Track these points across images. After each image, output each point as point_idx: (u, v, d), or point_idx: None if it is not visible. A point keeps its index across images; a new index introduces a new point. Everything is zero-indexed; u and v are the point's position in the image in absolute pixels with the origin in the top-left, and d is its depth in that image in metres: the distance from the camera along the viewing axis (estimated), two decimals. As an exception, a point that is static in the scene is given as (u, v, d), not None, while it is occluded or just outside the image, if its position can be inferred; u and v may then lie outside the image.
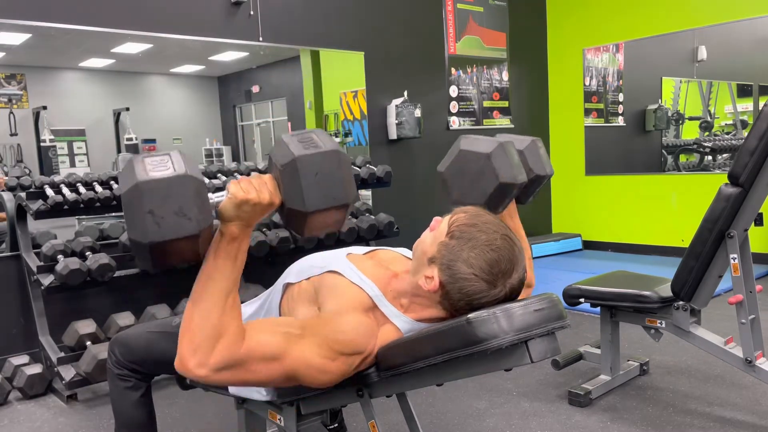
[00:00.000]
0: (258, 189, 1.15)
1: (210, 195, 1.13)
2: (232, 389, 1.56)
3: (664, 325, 2.52)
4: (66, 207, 3.05)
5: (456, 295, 1.24)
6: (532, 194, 1.78)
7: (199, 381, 1.17)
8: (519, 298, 1.27)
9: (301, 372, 1.23)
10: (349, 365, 1.27)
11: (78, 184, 3.20)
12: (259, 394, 1.51)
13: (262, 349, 1.20)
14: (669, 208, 5.63)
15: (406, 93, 4.99)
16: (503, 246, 1.23)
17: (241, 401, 1.71)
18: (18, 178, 3.13)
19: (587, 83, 6.21)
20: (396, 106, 4.92)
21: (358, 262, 1.41)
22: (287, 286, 1.49)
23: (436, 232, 1.29)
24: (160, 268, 1.13)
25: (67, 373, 2.87)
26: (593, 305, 2.69)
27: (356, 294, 1.32)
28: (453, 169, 1.56)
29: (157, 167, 1.09)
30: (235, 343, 1.17)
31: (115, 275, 3.05)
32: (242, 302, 1.80)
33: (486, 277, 1.21)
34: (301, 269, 1.50)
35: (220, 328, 1.15)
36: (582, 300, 2.67)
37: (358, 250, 1.55)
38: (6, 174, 7.63)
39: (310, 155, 1.14)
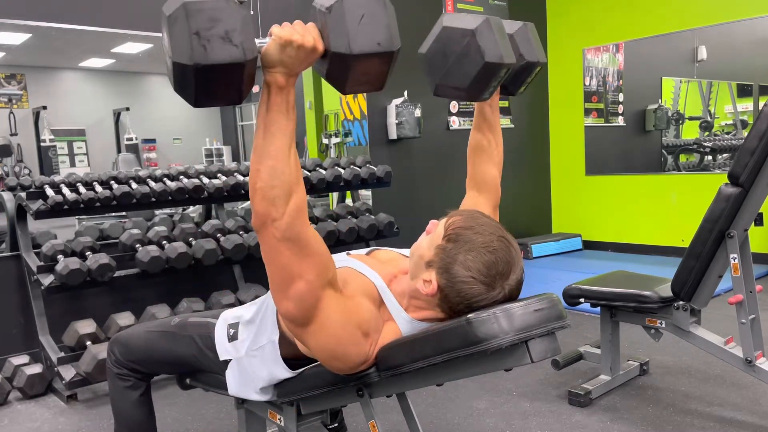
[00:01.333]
0: (302, 33, 1.14)
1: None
2: (231, 390, 1.56)
3: (664, 325, 2.52)
4: (66, 207, 3.05)
5: (454, 298, 1.24)
6: (522, 83, 1.64)
7: (272, 239, 1.16)
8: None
9: (321, 317, 1.21)
10: (357, 345, 1.25)
11: (78, 184, 3.20)
12: (257, 394, 1.51)
13: (320, 253, 1.20)
14: (669, 208, 5.63)
15: (406, 93, 4.99)
16: (500, 248, 1.23)
17: (241, 401, 1.71)
18: (11, 175, 3.12)
19: (587, 83, 6.21)
20: (396, 106, 4.91)
21: (361, 260, 1.42)
22: None
23: (432, 236, 1.29)
24: (200, 102, 1.10)
25: (67, 373, 2.87)
26: (593, 305, 2.69)
27: (366, 284, 1.33)
28: (435, 49, 1.41)
29: None
30: (303, 214, 1.17)
31: (115, 275, 3.05)
32: (242, 303, 1.80)
33: (484, 280, 1.21)
34: None
35: (289, 185, 1.15)
36: (582, 300, 2.67)
37: (358, 250, 1.55)
38: (6, 174, 7.63)
39: None
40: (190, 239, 3.33)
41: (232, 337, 1.56)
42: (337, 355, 1.27)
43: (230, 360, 1.54)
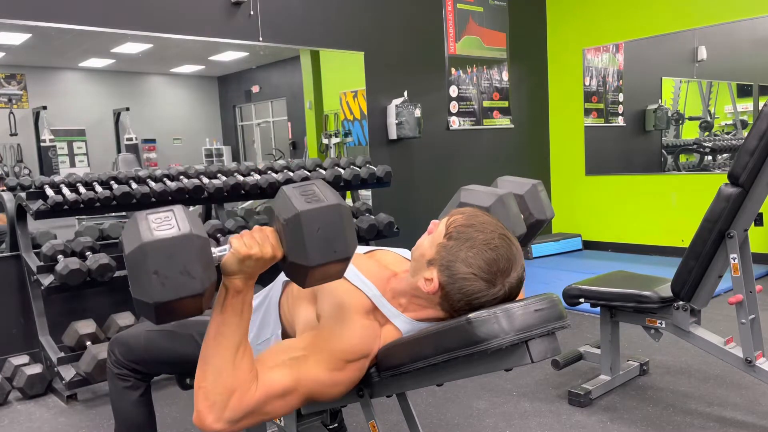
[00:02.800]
0: (261, 243, 1.15)
1: (213, 249, 1.15)
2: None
3: (664, 325, 2.52)
4: (66, 207, 3.04)
5: (456, 295, 1.24)
6: (532, 237, 1.80)
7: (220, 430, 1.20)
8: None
9: (315, 392, 1.25)
10: (360, 369, 1.29)
11: (78, 184, 3.20)
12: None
13: (274, 389, 1.22)
14: (669, 208, 5.63)
15: (406, 93, 4.99)
16: (501, 245, 1.23)
17: (241, 401, 1.71)
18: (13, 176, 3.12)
19: (587, 83, 6.21)
20: (396, 106, 4.92)
21: (357, 262, 1.41)
22: (287, 283, 1.50)
23: (434, 235, 1.30)
24: (163, 323, 1.14)
25: (67, 373, 2.87)
26: (593, 305, 2.69)
27: (356, 297, 1.32)
28: None
29: (161, 225, 1.10)
30: (246, 394, 1.19)
31: (115, 275, 3.05)
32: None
33: (485, 276, 1.21)
34: None
35: (232, 383, 1.17)
36: (582, 300, 2.67)
37: (358, 249, 1.55)
38: (6, 174, 7.63)
39: (312, 210, 1.14)
40: (190, 239, 3.32)
41: None
42: (349, 388, 1.31)
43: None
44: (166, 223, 1.11)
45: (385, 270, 1.41)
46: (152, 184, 3.34)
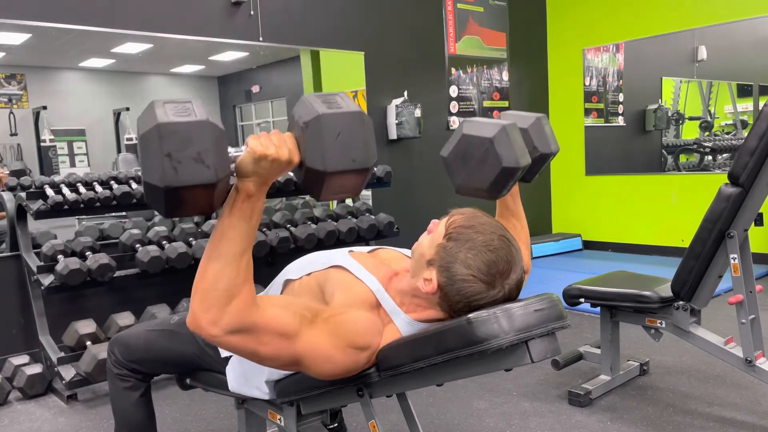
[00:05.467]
0: (277, 145, 1.13)
1: (228, 149, 1.11)
2: (232, 387, 1.56)
3: (664, 325, 2.52)
4: (66, 207, 3.05)
5: (455, 296, 1.24)
6: (537, 172, 1.77)
7: (211, 340, 1.16)
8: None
9: (308, 357, 1.23)
10: (355, 361, 1.27)
11: (78, 184, 3.20)
12: (259, 391, 1.51)
13: (274, 322, 1.19)
14: (669, 208, 5.63)
15: (406, 93, 4.99)
16: (500, 246, 1.23)
17: (241, 401, 1.71)
18: (18, 176, 3.13)
19: (587, 83, 6.21)
20: (396, 106, 4.91)
21: (360, 259, 1.42)
22: (287, 282, 1.49)
23: (433, 235, 1.29)
24: (171, 215, 1.10)
25: (67, 373, 2.87)
26: (593, 305, 2.69)
27: (362, 290, 1.32)
28: (456, 153, 1.53)
29: (179, 112, 1.07)
30: (247, 307, 1.16)
31: (115, 275, 3.05)
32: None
33: (484, 278, 1.21)
34: (302, 266, 1.50)
35: (232, 289, 1.14)
36: (582, 300, 2.67)
37: (361, 249, 1.55)
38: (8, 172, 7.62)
39: (334, 114, 1.12)
40: (190, 239, 3.33)
41: None
42: (337, 374, 1.29)
43: (231, 356, 1.55)
44: (183, 110, 1.07)
45: (387, 268, 1.41)
46: (152, 184, 3.33)
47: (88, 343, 2.98)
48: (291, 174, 1.11)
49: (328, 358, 1.23)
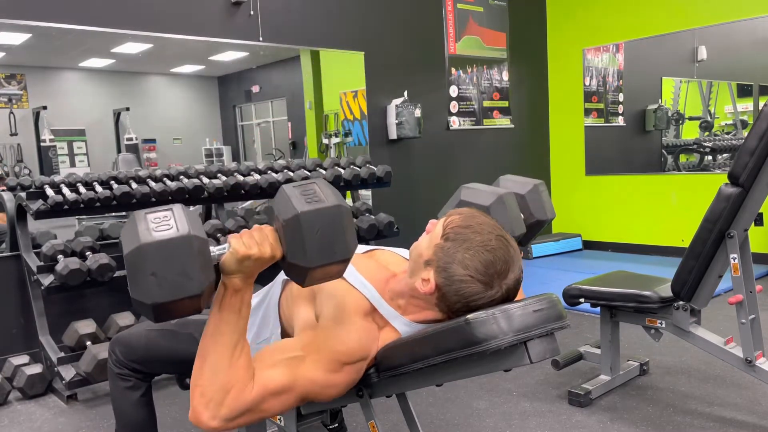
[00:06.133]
0: (260, 243, 1.15)
1: (211, 248, 1.14)
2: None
3: (664, 325, 2.52)
4: (66, 207, 3.04)
5: (452, 297, 1.24)
6: (532, 237, 1.80)
7: (216, 428, 1.20)
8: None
9: (311, 392, 1.26)
10: (357, 371, 1.29)
11: (78, 184, 3.20)
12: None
13: (271, 387, 1.22)
14: (669, 208, 5.63)
15: (406, 93, 4.99)
16: (498, 246, 1.23)
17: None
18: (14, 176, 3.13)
19: (587, 83, 6.21)
20: (396, 106, 4.92)
21: (356, 262, 1.41)
22: (287, 282, 1.49)
23: (431, 235, 1.29)
24: (162, 321, 1.14)
25: (67, 373, 2.87)
26: (593, 305, 2.69)
27: (355, 299, 1.32)
28: None
29: (160, 225, 1.10)
30: (243, 392, 1.19)
31: (115, 275, 3.05)
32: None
33: (481, 278, 1.21)
34: None
35: (229, 381, 1.17)
36: (582, 300, 2.67)
37: (358, 249, 1.54)
38: (6, 174, 7.63)
39: (313, 211, 1.13)
40: (190, 239, 3.32)
41: None
42: (343, 391, 1.31)
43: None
44: (165, 223, 1.10)
45: (384, 270, 1.41)
46: (152, 184, 3.34)
47: (88, 343, 2.98)
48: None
49: (329, 384, 1.26)
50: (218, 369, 1.17)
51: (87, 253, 3.10)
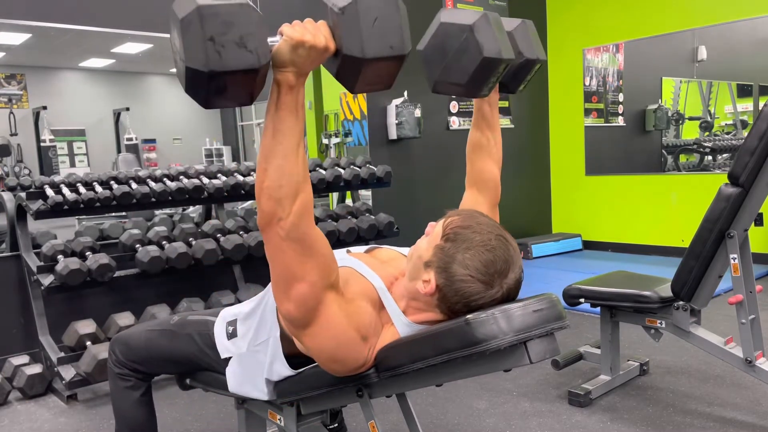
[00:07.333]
0: (313, 32, 1.12)
1: None
2: (231, 387, 1.56)
3: (664, 325, 2.52)
4: (66, 207, 3.05)
5: (453, 297, 1.23)
6: (522, 81, 1.65)
7: (276, 238, 1.16)
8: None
9: (324, 314, 1.22)
10: (356, 351, 1.26)
11: (78, 184, 3.20)
12: (259, 392, 1.51)
13: (324, 250, 1.20)
14: (669, 208, 5.63)
15: (406, 93, 4.99)
16: (498, 246, 1.23)
17: (241, 401, 1.71)
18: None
19: (587, 83, 6.21)
20: (396, 106, 4.92)
21: (363, 259, 1.42)
22: None
23: (431, 237, 1.29)
24: (211, 104, 1.09)
25: (67, 373, 2.87)
26: (593, 305, 2.69)
27: (367, 286, 1.33)
28: (433, 45, 1.39)
29: None
30: (309, 213, 1.17)
31: (115, 275, 3.05)
32: (240, 302, 1.81)
33: (482, 278, 1.21)
34: None
35: (297, 185, 1.15)
36: (582, 300, 2.67)
37: (358, 249, 1.55)
38: (6, 174, 7.62)
39: None
40: (190, 239, 3.33)
41: (231, 335, 1.56)
42: (336, 358, 1.27)
43: (230, 357, 1.55)
44: None
45: (389, 269, 1.41)
46: (152, 184, 3.34)
47: (88, 343, 2.98)
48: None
49: (334, 324, 1.23)
50: (284, 170, 1.14)
51: (87, 253, 3.10)
